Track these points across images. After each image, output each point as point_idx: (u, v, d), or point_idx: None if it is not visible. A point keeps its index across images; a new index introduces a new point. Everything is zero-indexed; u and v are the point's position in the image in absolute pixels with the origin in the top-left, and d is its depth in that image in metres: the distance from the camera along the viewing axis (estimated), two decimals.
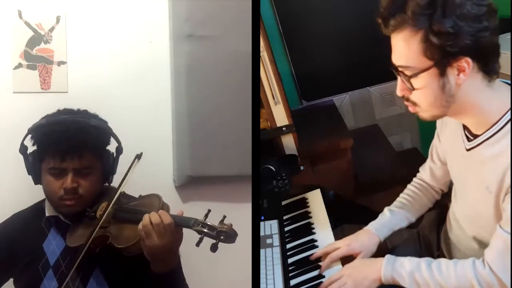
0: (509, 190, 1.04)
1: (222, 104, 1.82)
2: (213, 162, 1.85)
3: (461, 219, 1.31)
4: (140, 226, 1.20)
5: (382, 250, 1.61)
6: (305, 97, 2.59)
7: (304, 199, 1.72)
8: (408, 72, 1.08)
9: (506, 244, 1.05)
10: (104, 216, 1.28)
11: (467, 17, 1.00)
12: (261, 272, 1.37)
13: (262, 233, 1.55)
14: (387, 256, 1.22)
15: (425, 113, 1.13)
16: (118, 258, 1.29)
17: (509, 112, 1.08)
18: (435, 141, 1.41)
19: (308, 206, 1.66)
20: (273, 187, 1.75)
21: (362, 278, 1.23)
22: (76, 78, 1.80)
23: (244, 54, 1.75)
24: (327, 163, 2.07)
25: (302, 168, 1.93)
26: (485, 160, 1.11)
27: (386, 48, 1.12)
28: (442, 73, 1.05)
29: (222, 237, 1.17)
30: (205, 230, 1.18)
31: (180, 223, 1.22)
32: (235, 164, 1.84)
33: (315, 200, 1.68)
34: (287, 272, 1.37)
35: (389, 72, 1.15)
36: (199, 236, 1.19)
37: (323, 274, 1.33)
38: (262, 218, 1.61)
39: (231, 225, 1.19)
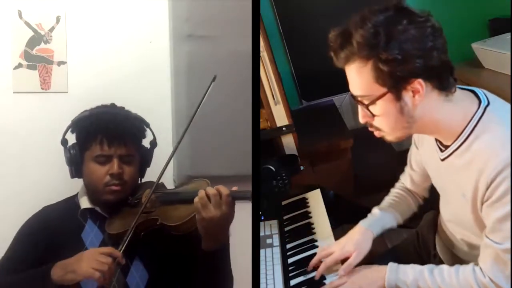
0: (485, 198, 1.05)
1: (222, 104, 1.82)
2: (213, 162, 1.85)
3: (448, 223, 1.33)
4: (196, 199, 1.23)
5: (382, 249, 1.62)
6: (305, 97, 2.58)
7: (304, 199, 1.72)
8: (365, 101, 1.09)
9: (496, 252, 1.06)
10: (148, 199, 1.31)
11: (412, 41, 1.01)
12: (261, 272, 1.37)
13: (262, 233, 1.55)
14: (390, 264, 1.22)
15: (389, 136, 1.14)
16: (162, 242, 1.32)
17: (472, 121, 1.08)
18: (413, 149, 1.42)
19: (308, 206, 1.66)
20: (273, 187, 1.74)
21: (367, 285, 1.23)
22: (76, 78, 1.80)
23: (244, 54, 1.75)
24: (327, 163, 2.07)
25: (302, 168, 1.93)
26: (458, 168, 1.12)
27: None
28: (398, 97, 1.06)
29: None
30: None
31: (237, 196, 1.25)
32: (235, 164, 1.84)
33: (315, 200, 1.68)
34: (287, 272, 1.37)
35: None
36: None
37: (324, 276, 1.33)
38: (262, 218, 1.61)
39: None
